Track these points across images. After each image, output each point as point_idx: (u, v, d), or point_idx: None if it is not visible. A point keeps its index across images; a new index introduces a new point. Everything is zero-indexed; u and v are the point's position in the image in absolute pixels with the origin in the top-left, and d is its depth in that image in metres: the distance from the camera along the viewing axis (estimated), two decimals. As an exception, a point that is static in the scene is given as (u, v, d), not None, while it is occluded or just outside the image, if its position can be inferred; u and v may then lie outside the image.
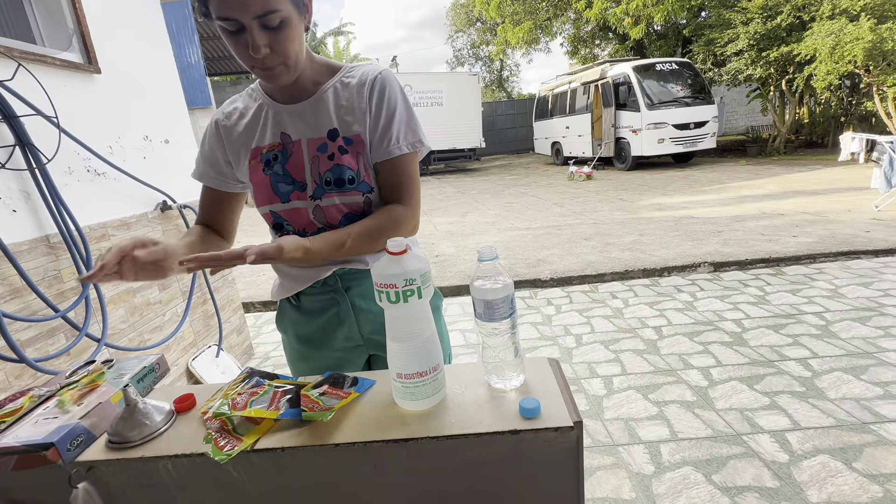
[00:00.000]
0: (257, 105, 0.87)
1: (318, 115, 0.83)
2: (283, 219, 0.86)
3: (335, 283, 0.90)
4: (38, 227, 1.54)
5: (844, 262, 3.55)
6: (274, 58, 0.73)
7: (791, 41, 9.13)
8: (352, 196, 0.83)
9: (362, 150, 0.84)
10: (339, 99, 0.84)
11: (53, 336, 1.55)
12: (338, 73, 0.86)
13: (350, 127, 0.83)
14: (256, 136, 0.86)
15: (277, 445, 0.62)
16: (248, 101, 0.89)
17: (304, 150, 0.83)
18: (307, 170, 0.83)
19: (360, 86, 0.84)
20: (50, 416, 0.68)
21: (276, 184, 0.84)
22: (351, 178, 0.83)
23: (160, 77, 2.25)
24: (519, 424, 0.61)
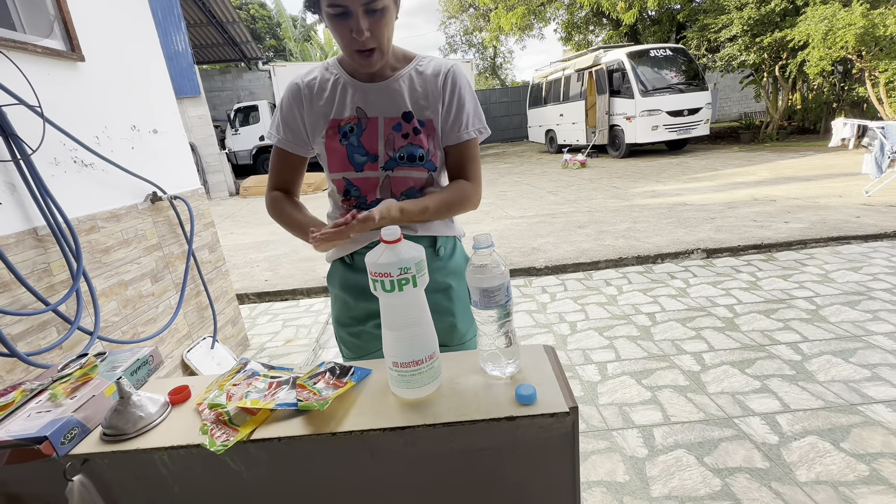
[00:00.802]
0: (334, 79, 0.95)
1: (393, 97, 0.92)
2: (353, 185, 0.96)
3: None
4: (25, 219, 1.51)
5: (835, 247, 3.59)
6: (372, 41, 0.83)
7: (784, 26, 9.10)
8: (419, 171, 0.95)
9: (433, 134, 0.95)
10: (415, 85, 0.94)
11: (45, 330, 1.53)
12: (412, 62, 0.96)
13: (423, 112, 0.93)
14: (335, 108, 0.93)
15: (274, 435, 0.62)
16: (325, 74, 0.96)
17: (381, 127, 0.92)
18: (381, 144, 0.92)
19: (434, 76, 0.94)
20: (42, 410, 0.68)
21: (351, 154, 0.92)
22: (421, 156, 0.93)
23: (146, 65, 2.20)
24: (515, 411, 0.62)
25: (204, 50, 13.01)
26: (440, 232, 1.00)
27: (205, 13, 10.19)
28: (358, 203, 0.98)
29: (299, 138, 0.97)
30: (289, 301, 3.58)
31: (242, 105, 13.28)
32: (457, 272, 1.03)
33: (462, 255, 1.07)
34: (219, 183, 10.44)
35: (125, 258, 1.93)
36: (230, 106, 14.16)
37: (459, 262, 1.05)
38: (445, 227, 1.02)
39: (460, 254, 1.07)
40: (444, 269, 1.01)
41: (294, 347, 2.72)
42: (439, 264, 1.00)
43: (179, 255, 2.26)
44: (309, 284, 3.70)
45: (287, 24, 20.47)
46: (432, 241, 1.00)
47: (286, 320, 3.15)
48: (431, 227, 0.99)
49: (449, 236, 1.02)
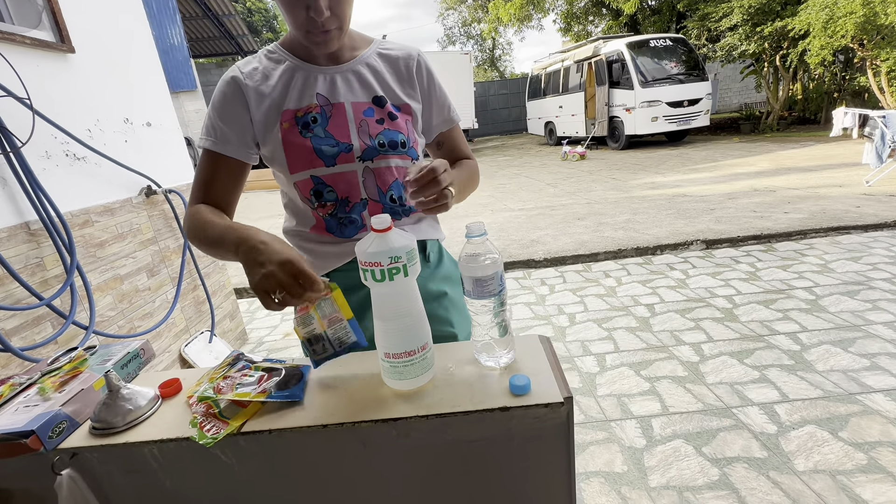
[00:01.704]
0: (284, 66, 0.83)
1: (360, 81, 0.85)
2: (325, 184, 0.82)
3: None
4: (17, 213, 1.50)
5: (835, 237, 3.57)
6: (332, 20, 0.74)
7: (785, 15, 9.00)
8: (403, 160, 0.86)
9: (410, 119, 0.88)
10: (381, 68, 0.87)
11: (39, 325, 1.52)
12: (373, 44, 0.89)
13: (398, 96, 0.87)
14: (289, 97, 0.81)
15: (265, 428, 0.62)
16: (268, 63, 0.83)
17: (350, 113, 0.83)
18: (353, 132, 0.82)
19: (406, 59, 0.89)
20: (31, 404, 0.67)
21: (318, 146, 0.80)
22: (403, 143, 0.85)
23: (139, 57, 2.17)
24: (509, 401, 0.61)
25: (200, 43, 12.89)
26: (428, 235, 0.92)
27: (200, 6, 10.08)
28: (337, 208, 0.83)
29: (242, 140, 0.81)
30: (287, 295, 3.56)
31: (239, 99, 13.17)
32: (449, 277, 0.96)
33: (450, 259, 1.00)
34: (217, 177, 10.39)
35: (120, 252, 1.92)
36: (227, 100, 14.05)
37: (449, 266, 0.97)
38: (432, 229, 0.94)
39: (448, 258, 0.99)
40: (435, 275, 0.93)
41: (292, 341, 2.72)
42: (429, 272, 0.92)
43: (175, 248, 2.25)
44: (307, 278, 3.69)
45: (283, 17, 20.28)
46: (421, 247, 0.91)
47: (285, 314, 3.15)
48: (419, 231, 0.90)
49: (434, 239, 0.94)
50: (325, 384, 0.70)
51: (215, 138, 0.80)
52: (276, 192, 5.80)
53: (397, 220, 0.88)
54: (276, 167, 0.84)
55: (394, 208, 0.87)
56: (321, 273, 0.88)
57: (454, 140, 0.96)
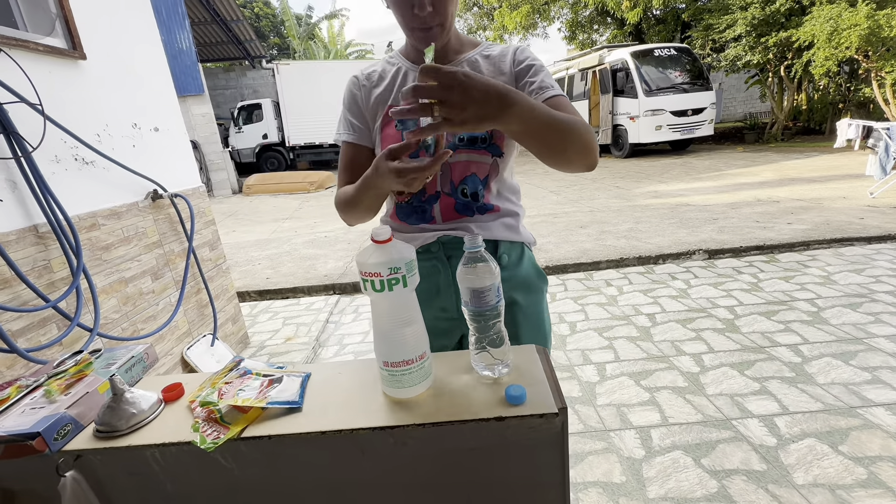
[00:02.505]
0: (395, 69, 0.91)
1: None
2: None
3: (438, 251, 0.90)
4: (26, 216, 1.52)
5: (838, 248, 3.57)
6: (434, 17, 0.78)
7: (790, 26, 9.04)
8: (481, 155, 0.86)
9: None
10: (480, 68, 0.88)
11: (45, 326, 1.54)
12: (478, 47, 0.92)
13: None
14: (394, 94, 0.89)
15: (265, 434, 0.63)
16: (387, 66, 0.93)
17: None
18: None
19: (503, 54, 0.89)
20: (37, 406, 0.68)
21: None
22: (483, 138, 0.85)
23: (148, 63, 2.21)
24: (504, 411, 0.61)
25: (208, 48, 13.05)
26: (502, 235, 0.89)
27: (209, 11, 10.21)
28: (413, 197, 0.89)
29: (366, 131, 0.92)
30: (289, 299, 3.59)
31: (246, 103, 13.33)
32: (524, 285, 0.91)
33: (531, 266, 0.94)
34: (222, 181, 10.48)
35: (125, 255, 1.94)
36: (234, 104, 14.21)
37: (528, 273, 0.92)
38: (508, 230, 0.90)
39: (529, 263, 0.94)
40: (508, 280, 0.88)
41: (294, 346, 2.73)
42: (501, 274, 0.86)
43: (180, 252, 2.27)
44: (310, 283, 3.72)
45: (291, 23, 20.50)
46: (493, 247, 0.89)
47: (287, 318, 3.17)
48: (491, 230, 0.88)
49: (515, 242, 0.91)
50: (324, 391, 0.71)
51: (350, 131, 0.93)
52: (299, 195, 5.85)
53: (469, 216, 0.88)
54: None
55: (466, 203, 0.88)
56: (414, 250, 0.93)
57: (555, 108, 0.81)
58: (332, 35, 22.10)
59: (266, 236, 5.68)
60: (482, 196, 0.88)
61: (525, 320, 0.91)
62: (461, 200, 0.88)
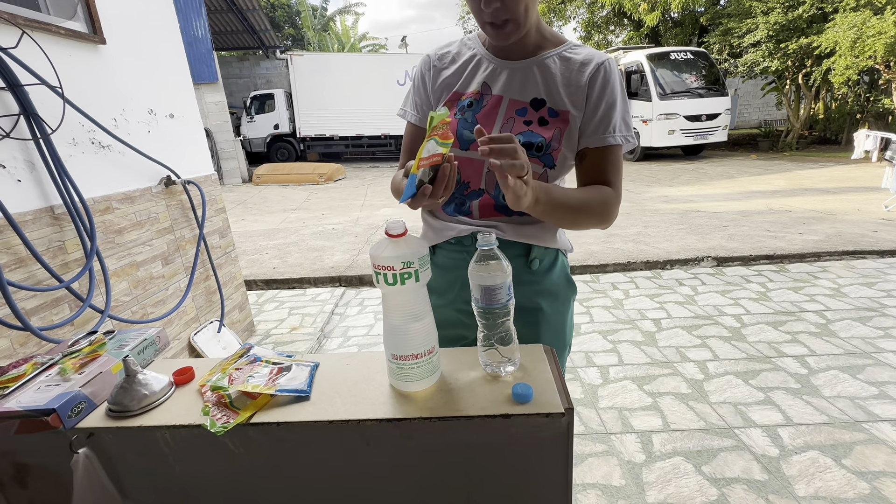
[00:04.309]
0: (470, 53, 0.89)
1: (526, 80, 0.84)
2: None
3: (470, 245, 0.88)
4: (43, 197, 1.54)
5: (849, 261, 3.52)
6: (503, 12, 0.75)
7: (811, 33, 8.90)
8: (533, 163, 0.82)
9: (564, 127, 0.82)
10: (556, 71, 0.83)
11: (58, 306, 1.57)
12: (562, 46, 0.86)
13: (560, 100, 0.82)
14: (462, 80, 0.88)
15: (273, 420, 0.64)
16: (462, 48, 0.91)
17: (503, 108, 0.84)
18: (497, 125, 0.83)
19: (583, 65, 0.83)
20: (52, 384, 0.70)
21: (462, 129, 0.85)
22: (539, 146, 0.81)
23: (165, 50, 2.23)
24: (511, 409, 0.62)
25: (223, 36, 13.10)
26: (535, 240, 0.86)
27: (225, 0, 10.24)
28: (456, 190, 0.87)
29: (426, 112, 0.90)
30: (296, 289, 3.61)
31: (259, 93, 13.38)
32: (552, 293, 0.89)
33: (563, 274, 0.92)
34: (232, 170, 10.55)
35: (138, 240, 1.96)
36: (247, 93, 14.27)
37: (558, 280, 0.90)
38: (544, 232, 0.87)
39: (561, 271, 0.91)
40: (535, 284, 0.87)
41: (299, 335, 2.75)
42: (530, 278, 0.86)
43: (190, 239, 2.30)
44: (316, 274, 3.74)
45: (307, 14, 20.51)
46: (525, 250, 0.87)
47: (292, 308, 3.19)
48: (523, 233, 0.86)
49: (549, 248, 0.89)
50: (332, 381, 0.72)
51: (414, 111, 0.93)
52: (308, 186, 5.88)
53: (507, 216, 0.86)
54: None
55: (505, 205, 0.86)
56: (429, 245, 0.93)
57: (601, 162, 0.83)
58: (345, 28, 22.10)
59: (274, 226, 5.72)
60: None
61: (547, 327, 0.90)
62: (501, 203, 0.86)
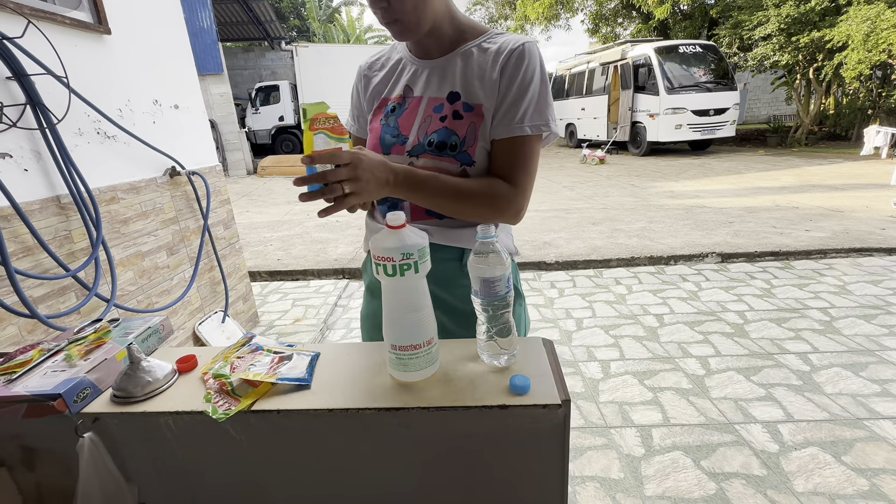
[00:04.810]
0: (397, 58, 0.90)
1: (444, 76, 0.83)
2: None
3: None
4: (49, 187, 1.56)
5: (856, 258, 3.49)
6: (390, 13, 0.75)
7: (823, 26, 8.75)
8: (448, 163, 0.79)
9: (479, 122, 0.79)
10: (473, 63, 0.81)
11: (64, 295, 1.59)
12: (480, 37, 0.84)
13: (475, 94, 0.80)
14: (389, 86, 0.89)
15: (274, 408, 0.65)
16: (391, 53, 0.92)
17: (422, 108, 0.83)
18: (416, 126, 0.82)
19: (498, 53, 0.79)
20: (58, 369, 0.71)
21: (384, 134, 0.85)
22: (454, 145, 0.79)
23: (170, 40, 2.23)
24: (508, 400, 0.62)
25: (228, 27, 13.07)
26: (470, 244, 0.84)
27: (231, -10, 10.21)
28: None
29: (364, 123, 0.92)
30: (299, 281, 3.63)
31: (264, 84, 13.35)
32: None
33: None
34: (237, 161, 10.57)
35: (143, 230, 1.98)
36: (252, 85, 14.25)
37: None
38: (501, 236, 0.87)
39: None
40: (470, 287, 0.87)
41: (302, 327, 2.77)
42: (465, 282, 0.80)
43: (195, 229, 2.31)
44: (320, 266, 3.76)
45: (312, 5, 20.41)
46: (458, 254, 0.85)
47: (296, 300, 3.21)
48: (458, 237, 0.83)
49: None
50: (332, 371, 0.73)
51: (352, 121, 0.96)
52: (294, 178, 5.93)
53: (437, 219, 0.83)
54: None
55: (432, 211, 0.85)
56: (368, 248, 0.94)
57: (506, 154, 0.79)
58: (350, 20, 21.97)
59: (279, 218, 5.74)
60: None
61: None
62: None
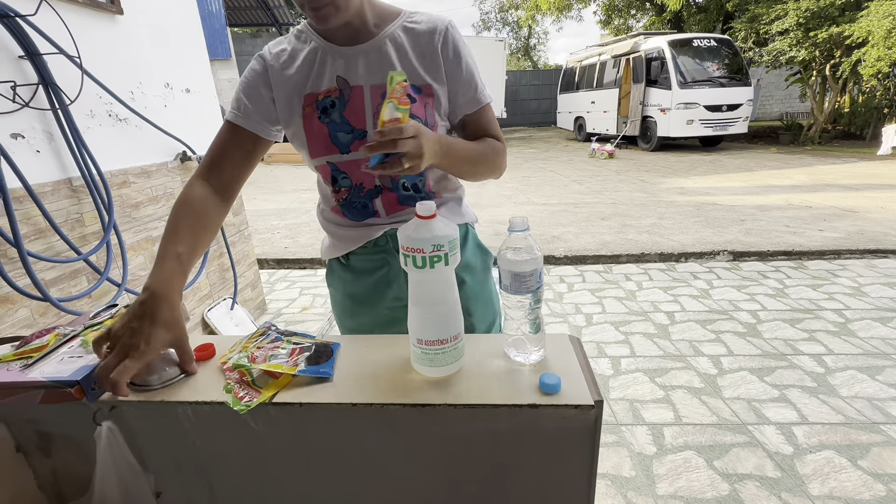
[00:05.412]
0: (310, 48, 0.81)
1: (381, 61, 0.79)
2: (340, 171, 0.83)
3: (385, 244, 0.88)
4: (61, 169, 1.54)
5: (871, 260, 3.44)
6: None
7: (843, 21, 8.55)
8: None
9: (431, 101, 0.81)
10: (404, 45, 0.80)
11: (76, 278, 1.58)
12: (399, 18, 0.82)
13: (418, 75, 0.80)
14: (311, 80, 0.80)
15: (296, 401, 0.63)
16: (297, 44, 0.83)
17: (367, 97, 0.79)
18: (368, 117, 0.79)
19: (430, 34, 0.80)
20: (75, 355, 0.70)
21: (334, 133, 0.79)
22: None
23: (182, 23, 2.19)
24: (538, 399, 0.60)
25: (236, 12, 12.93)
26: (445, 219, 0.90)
27: (240, -26, 10.10)
28: (350, 194, 0.84)
29: (264, 116, 0.80)
30: (307, 270, 3.63)
31: (271, 71, 13.23)
32: (469, 266, 0.90)
33: (475, 244, 0.94)
34: (244, 148, 10.54)
35: (154, 214, 1.97)
36: (259, 71, 14.13)
37: (473, 252, 0.92)
38: (453, 214, 0.90)
39: (473, 243, 0.93)
40: None
41: (310, 315, 2.77)
42: None
43: (205, 215, 2.30)
44: (327, 255, 3.74)
45: (320, -9, 20.19)
46: None
47: (303, 288, 3.21)
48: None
49: (459, 224, 0.90)
50: (353, 364, 0.71)
51: (237, 111, 0.81)
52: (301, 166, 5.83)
53: (411, 206, 0.86)
54: (300, 150, 0.85)
55: (408, 195, 0.86)
56: (341, 253, 0.91)
57: (480, 122, 0.86)
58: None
59: (286, 206, 5.73)
60: (423, 186, 0.86)
61: (476, 301, 0.91)
62: (403, 194, 0.85)
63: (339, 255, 0.92)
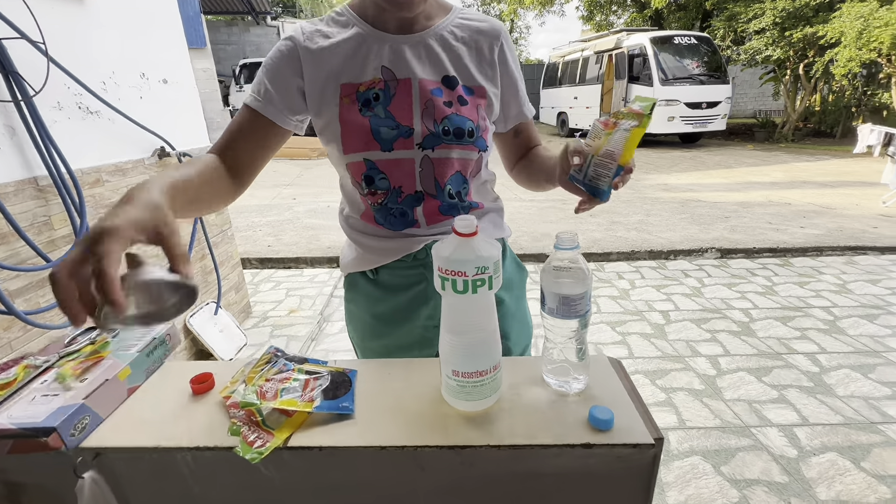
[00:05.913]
0: (351, 32, 0.73)
1: (431, 55, 0.74)
2: (379, 171, 0.73)
3: (425, 258, 0.79)
4: (26, 167, 1.40)
5: (851, 256, 3.53)
6: None
7: (816, 22, 8.78)
8: (469, 151, 0.74)
9: (483, 103, 0.76)
10: (457, 42, 0.75)
11: (44, 287, 1.44)
12: (452, 13, 0.78)
13: (473, 77, 0.75)
14: (351, 69, 0.72)
15: (314, 444, 0.55)
16: (335, 28, 0.74)
17: (416, 92, 0.72)
18: (416, 114, 0.72)
19: (487, 38, 0.77)
20: (49, 393, 0.60)
21: (377, 128, 0.71)
22: (471, 131, 0.73)
23: (158, 8, 2.04)
24: (591, 437, 0.54)
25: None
26: (489, 234, 0.80)
27: (214, -41, 9.68)
28: (387, 197, 0.75)
29: (286, 105, 0.72)
30: (292, 269, 3.50)
31: (249, 61, 12.84)
32: (508, 282, 0.84)
33: (512, 260, 0.88)
34: (221, 141, 10.19)
35: (130, 216, 1.83)
36: (235, 61, 13.69)
37: (511, 269, 0.86)
38: (494, 227, 0.83)
39: (510, 258, 0.87)
40: None
41: (298, 319, 2.66)
42: None
43: (185, 215, 2.16)
44: (313, 254, 3.62)
45: (298, -21, 19.61)
46: None
47: (290, 289, 3.08)
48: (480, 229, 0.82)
49: (497, 239, 0.82)
50: (375, 395, 0.64)
51: (258, 96, 0.72)
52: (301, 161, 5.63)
53: (453, 216, 0.78)
54: (330, 144, 0.75)
55: (452, 204, 0.77)
56: (372, 266, 0.81)
57: (530, 131, 0.86)
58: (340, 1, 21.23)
59: (267, 202, 5.54)
60: (466, 194, 0.78)
61: (513, 320, 0.85)
62: (447, 202, 0.76)
63: (368, 268, 0.82)
